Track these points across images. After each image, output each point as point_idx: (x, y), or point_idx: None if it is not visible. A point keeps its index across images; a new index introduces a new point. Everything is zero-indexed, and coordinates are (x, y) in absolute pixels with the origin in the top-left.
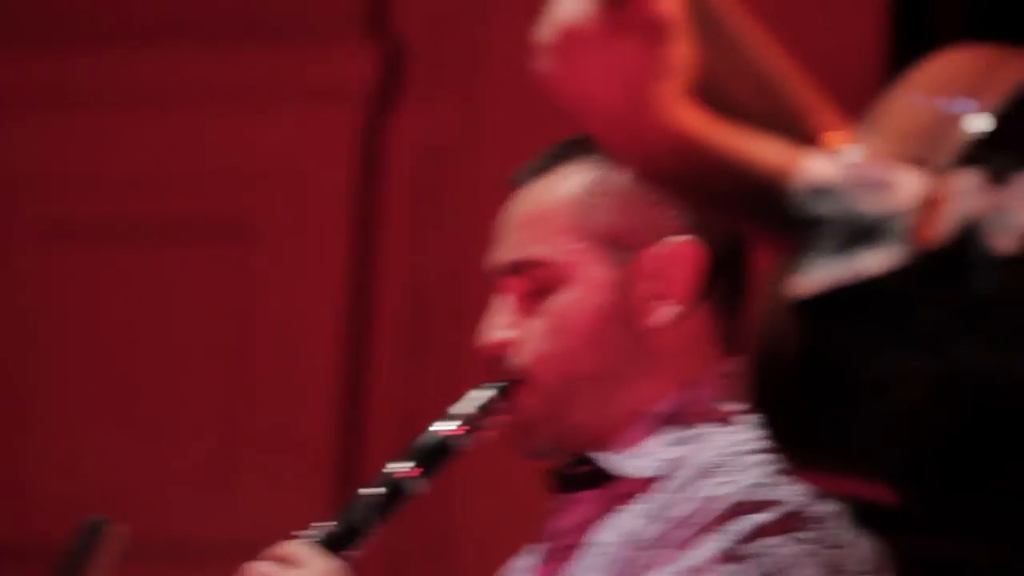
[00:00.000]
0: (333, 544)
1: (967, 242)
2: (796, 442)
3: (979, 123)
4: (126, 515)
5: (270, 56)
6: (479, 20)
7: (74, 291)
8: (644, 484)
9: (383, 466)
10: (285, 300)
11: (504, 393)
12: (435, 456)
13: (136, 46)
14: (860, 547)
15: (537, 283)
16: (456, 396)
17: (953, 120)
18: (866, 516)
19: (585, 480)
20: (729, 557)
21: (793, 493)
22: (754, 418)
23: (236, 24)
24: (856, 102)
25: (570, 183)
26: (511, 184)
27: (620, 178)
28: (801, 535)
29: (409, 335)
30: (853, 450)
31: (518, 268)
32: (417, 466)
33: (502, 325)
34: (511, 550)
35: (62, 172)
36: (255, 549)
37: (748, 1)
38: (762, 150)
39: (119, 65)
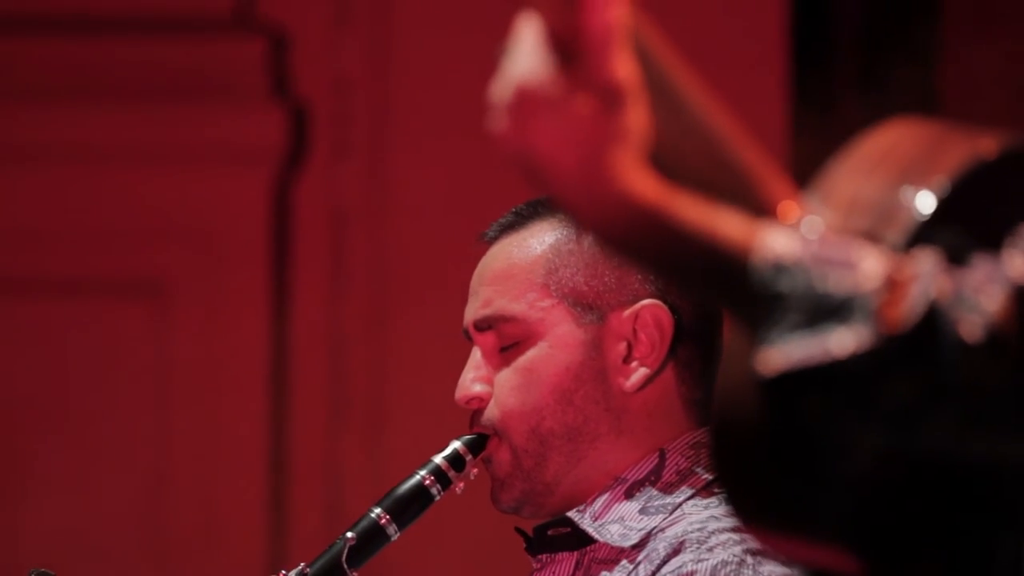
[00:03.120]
0: None
1: (932, 327)
2: (757, 505)
3: (929, 201)
4: None
5: (180, 116)
6: (381, 81)
7: None
8: (620, 552)
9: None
10: (204, 358)
11: (477, 446)
12: (410, 504)
13: (48, 104)
14: None
15: (507, 339)
16: (376, 448)
17: (903, 197)
18: None
19: (563, 542)
20: None
21: (766, 573)
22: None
23: (146, 84)
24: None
25: (539, 241)
26: (481, 240)
27: (588, 239)
28: None
29: (328, 389)
30: (813, 516)
31: (489, 324)
32: (392, 513)
33: (475, 380)
34: None
35: None
36: None
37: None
38: (722, 222)
39: (31, 122)
